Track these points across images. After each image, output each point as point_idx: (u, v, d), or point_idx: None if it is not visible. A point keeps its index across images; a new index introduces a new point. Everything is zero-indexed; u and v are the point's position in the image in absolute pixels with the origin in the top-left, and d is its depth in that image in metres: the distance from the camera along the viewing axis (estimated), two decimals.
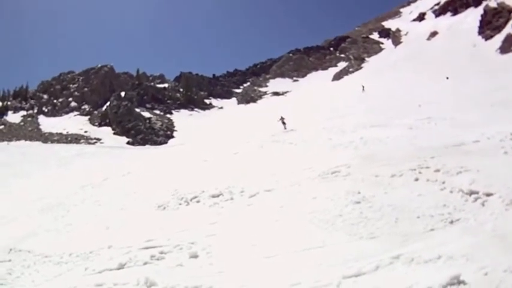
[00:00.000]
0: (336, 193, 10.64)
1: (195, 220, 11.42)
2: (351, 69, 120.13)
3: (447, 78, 59.01)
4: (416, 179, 10.79)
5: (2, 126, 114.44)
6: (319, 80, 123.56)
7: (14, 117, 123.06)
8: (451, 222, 7.88)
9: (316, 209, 9.75)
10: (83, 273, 8.79)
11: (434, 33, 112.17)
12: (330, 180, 12.37)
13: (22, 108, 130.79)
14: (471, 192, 9.11)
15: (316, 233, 8.37)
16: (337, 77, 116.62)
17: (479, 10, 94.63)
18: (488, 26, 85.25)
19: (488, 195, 8.86)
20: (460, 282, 5.30)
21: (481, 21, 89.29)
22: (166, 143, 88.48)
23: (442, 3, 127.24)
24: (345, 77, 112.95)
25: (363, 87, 68.17)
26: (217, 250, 8.63)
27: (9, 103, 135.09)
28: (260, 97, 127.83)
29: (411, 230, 7.77)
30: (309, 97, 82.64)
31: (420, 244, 6.96)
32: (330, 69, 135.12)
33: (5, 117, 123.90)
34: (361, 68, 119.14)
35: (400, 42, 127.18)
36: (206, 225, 10.61)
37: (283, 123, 39.27)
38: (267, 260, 7.52)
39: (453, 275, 5.34)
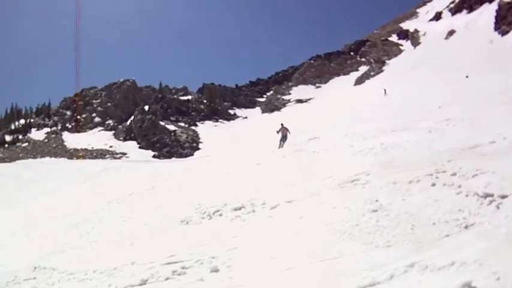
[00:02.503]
0: (354, 202, 10.70)
1: (216, 234, 11.51)
2: (372, 73, 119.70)
3: (467, 76, 58.76)
4: (433, 184, 10.80)
5: (26, 144, 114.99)
6: (342, 85, 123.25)
7: (37, 135, 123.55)
8: (466, 227, 7.94)
9: (334, 219, 9.83)
10: None
11: (451, 32, 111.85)
12: (349, 189, 12.40)
13: (45, 125, 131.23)
14: (486, 195, 9.12)
15: (333, 243, 8.45)
16: (359, 81, 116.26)
17: (494, 6, 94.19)
18: (504, 21, 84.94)
19: (503, 197, 8.86)
20: None
21: (496, 17, 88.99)
22: (192, 155, 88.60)
23: (457, 1, 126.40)
24: (367, 81, 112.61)
25: (385, 90, 68.04)
26: (237, 264, 8.73)
27: (32, 120, 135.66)
28: (284, 105, 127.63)
29: (426, 236, 7.85)
30: (332, 103, 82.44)
31: (435, 251, 7.03)
32: (352, 73, 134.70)
33: (28, 134, 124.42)
34: (382, 71, 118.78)
35: (419, 43, 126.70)
36: (227, 238, 10.71)
37: (284, 136, 34.24)
38: (285, 273, 7.60)
39: (465, 282, 5.40)
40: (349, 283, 6.23)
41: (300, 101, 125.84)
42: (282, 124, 35.96)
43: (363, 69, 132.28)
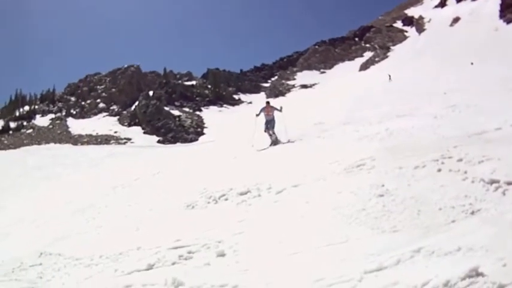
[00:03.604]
0: (360, 187, 10.70)
1: (222, 218, 11.54)
2: (376, 59, 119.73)
3: (472, 63, 58.81)
4: (439, 170, 10.80)
5: (30, 130, 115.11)
6: (346, 70, 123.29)
7: (42, 121, 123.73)
8: (472, 213, 7.93)
9: (340, 204, 9.80)
10: (112, 274, 8.95)
11: (456, 19, 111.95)
12: (354, 174, 12.40)
13: (50, 112, 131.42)
14: (492, 182, 9.12)
15: (340, 228, 8.44)
16: (364, 67, 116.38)
17: None
18: (509, 9, 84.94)
19: (509, 183, 8.88)
20: (478, 274, 5.32)
21: (501, 5, 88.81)
22: (197, 140, 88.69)
23: None
24: (372, 67, 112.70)
25: (390, 76, 67.99)
26: (244, 248, 8.74)
27: (36, 107, 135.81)
28: (288, 90, 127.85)
29: (433, 222, 7.83)
30: (337, 89, 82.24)
31: (441, 236, 7.03)
32: (357, 59, 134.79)
33: (33, 121, 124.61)
34: (387, 57, 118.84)
35: (424, 30, 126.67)
36: (233, 223, 10.72)
37: (269, 120, 25.57)
38: (292, 257, 7.61)
39: (472, 267, 5.37)
40: (356, 267, 6.23)
41: (304, 86, 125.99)
42: (267, 102, 27.35)
43: (368, 55, 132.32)
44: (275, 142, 24.97)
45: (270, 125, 25.71)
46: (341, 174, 12.76)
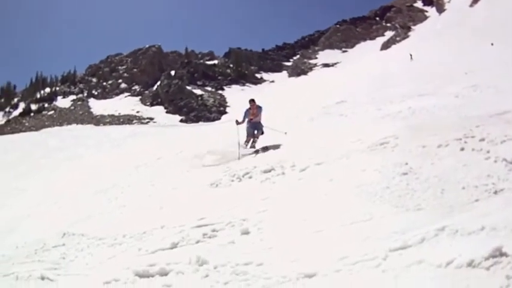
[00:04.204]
0: (384, 165, 10.71)
1: (247, 196, 11.61)
2: (398, 38, 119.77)
3: (492, 44, 58.55)
4: (462, 149, 10.78)
5: (52, 112, 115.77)
6: (368, 50, 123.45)
7: (63, 102, 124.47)
8: (495, 192, 7.89)
9: (364, 182, 9.82)
10: (136, 253, 9.01)
11: (476, 0, 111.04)
12: (378, 152, 12.38)
13: (71, 93, 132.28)
14: None
15: (364, 206, 8.43)
16: (385, 46, 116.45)
17: None
18: None
19: None
20: (502, 254, 5.26)
21: None
22: (219, 119, 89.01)
23: None
24: (393, 46, 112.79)
25: (411, 55, 68.09)
26: (268, 226, 8.79)
27: (57, 88, 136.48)
28: (310, 69, 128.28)
29: (456, 201, 7.81)
30: (359, 67, 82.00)
31: (465, 215, 7.00)
32: (378, 38, 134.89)
33: (54, 102, 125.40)
34: (408, 36, 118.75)
35: (444, 10, 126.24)
36: (258, 201, 10.78)
37: (254, 124, 19.98)
38: (316, 235, 7.64)
39: (495, 247, 5.31)
40: (380, 246, 6.24)
41: (326, 65, 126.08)
42: (251, 101, 20.27)
43: (389, 34, 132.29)
44: (253, 146, 19.97)
45: (256, 129, 20.06)
46: (364, 152, 12.75)
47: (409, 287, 5.11)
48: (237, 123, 20.17)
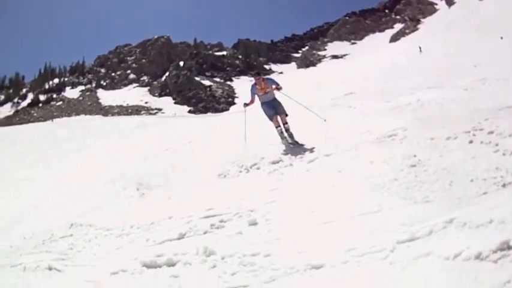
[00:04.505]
0: (392, 157, 10.71)
1: (254, 187, 11.63)
2: (407, 31, 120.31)
3: (501, 38, 58.56)
4: (471, 142, 10.75)
5: (60, 102, 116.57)
6: (377, 42, 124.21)
7: (72, 93, 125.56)
8: (504, 185, 7.85)
9: (372, 174, 9.85)
10: (144, 244, 9.07)
11: None
12: (386, 144, 12.39)
13: (80, 83, 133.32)
14: None
15: (372, 197, 8.45)
16: (394, 38, 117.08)
17: None
18: None
19: None
20: (510, 247, 5.26)
21: None
22: (228, 110, 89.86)
23: None
24: (402, 39, 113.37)
25: (420, 48, 68.26)
26: (276, 217, 8.82)
27: (66, 79, 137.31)
28: (319, 61, 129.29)
29: (464, 193, 7.79)
30: (368, 59, 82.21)
31: (473, 208, 6.96)
32: (387, 31, 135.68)
33: (63, 93, 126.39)
34: (417, 29, 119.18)
35: (454, 3, 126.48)
36: (265, 192, 10.80)
37: (271, 101, 16.27)
38: (324, 226, 7.67)
39: (503, 240, 5.32)
40: (388, 237, 6.27)
41: (335, 56, 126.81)
42: (256, 74, 16.85)
43: (398, 26, 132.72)
44: (291, 138, 15.63)
45: (275, 108, 15.94)
46: (373, 144, 12.76)
47: (416, 279, 5.13)
48: (245, 105, 17.16)
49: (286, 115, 15.95)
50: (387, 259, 5.76)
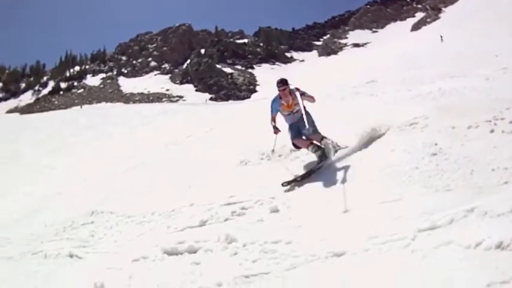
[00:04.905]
0: (414, 145, 10.62)
1: (276, 175, 11.61)
2: (428, 20, 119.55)
3: None
4: (492, 131, 10.63)
5: (81, 90, 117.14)
6: (398, 30, 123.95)
7: (93, 80, 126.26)
8: None
9: (393, 162, 9.80)
10: (165, 231, 9.19)
11: None
12: (407, 132, 12.25)
13: (101, 71, 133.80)
14: None
15: (393, 186, 8.44)
16: (416, 27, 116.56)
17: None
18: None
19: None
20: None
21: None
22: (249, 97, 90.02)
23: None
24: (423, 27, 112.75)
25: (441, 37, 67.61)
26: (297, 204, 8.87)
27: (87, 67, 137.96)
28: (340, 49, 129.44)
29: (486, 182, 7.75)
30: (389, 48, 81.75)
31: (494, 197, 6.90)
32: (408, 19, 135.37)
33: (84, 80, 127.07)
34: (438, 18, 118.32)
35: None
36: (287, 179, 10.76)
37: (302, 115, 11.17)
38: (345, 214, 7.72)
39: None
40: (410, 226, 6.27)
41: (356, 45, 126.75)
42: (281, 83, 11.32)
43: (419, 15, 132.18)
44: (327, 152, 11.23)
45: (303, 128, 11.42)
46: (394, 132, 12.65)
47: (437, 267, 5.12)
48: (275, 130, 12.37)
49: (318, 133, 11.66)
50: (408, 247, 5.77)
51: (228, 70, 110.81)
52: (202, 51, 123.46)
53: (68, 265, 8.65)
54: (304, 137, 11.70)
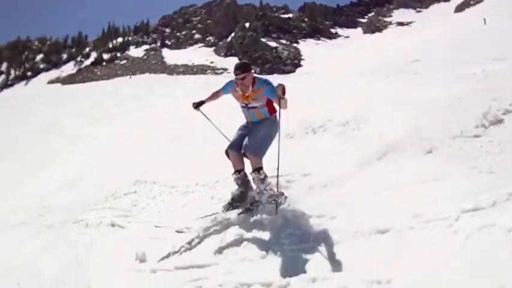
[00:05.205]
0: None
1: (320, 149, 11.72)
2: (472, 2, 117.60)
3: None
4: None
5: (124, 61, 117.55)
6: (442, 11, 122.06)
7: (136, 52, 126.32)
8: None
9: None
10: (209, 202, 9.31)
11: None
12: (451, 112, 12.11)
13: (144, 43, 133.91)
14: None
15: (436, 165, 8.33)
16: (459, 8, 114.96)
17: None
18: None
19: None
20: None
21: None
22: (294, 71, 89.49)
23: None
24: (467, 9, 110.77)
25: (485, 20, 66.64)
26: (339, 180, 8.81)
27: (130, 38, 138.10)
28: (385, 27, 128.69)
29: None
30: (433, 28, 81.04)
31: None
32: (452, 0, 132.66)
33: (127, 52, 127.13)
34: (482, 0, 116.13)
35: None
36: (330, 156, 10.77)
37: None
38: (388, 192, 7.62)
39: None
40: (453, 206, 6.20)
41: (401, 23, 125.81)
42: (239, 68, 8.63)
43: None
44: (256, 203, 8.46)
45: (248, 137, 8.93)
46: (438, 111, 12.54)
47: (480, 249, 5.09)
48: (197, 104, 10.01)
49: (259, 158, 8.64)
50: (452, 227, 5.75)
51: (272, 44, 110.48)
52: (247, 24, 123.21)
53: (110, 234, 8.74)
54: (242, 151, 8.69)
